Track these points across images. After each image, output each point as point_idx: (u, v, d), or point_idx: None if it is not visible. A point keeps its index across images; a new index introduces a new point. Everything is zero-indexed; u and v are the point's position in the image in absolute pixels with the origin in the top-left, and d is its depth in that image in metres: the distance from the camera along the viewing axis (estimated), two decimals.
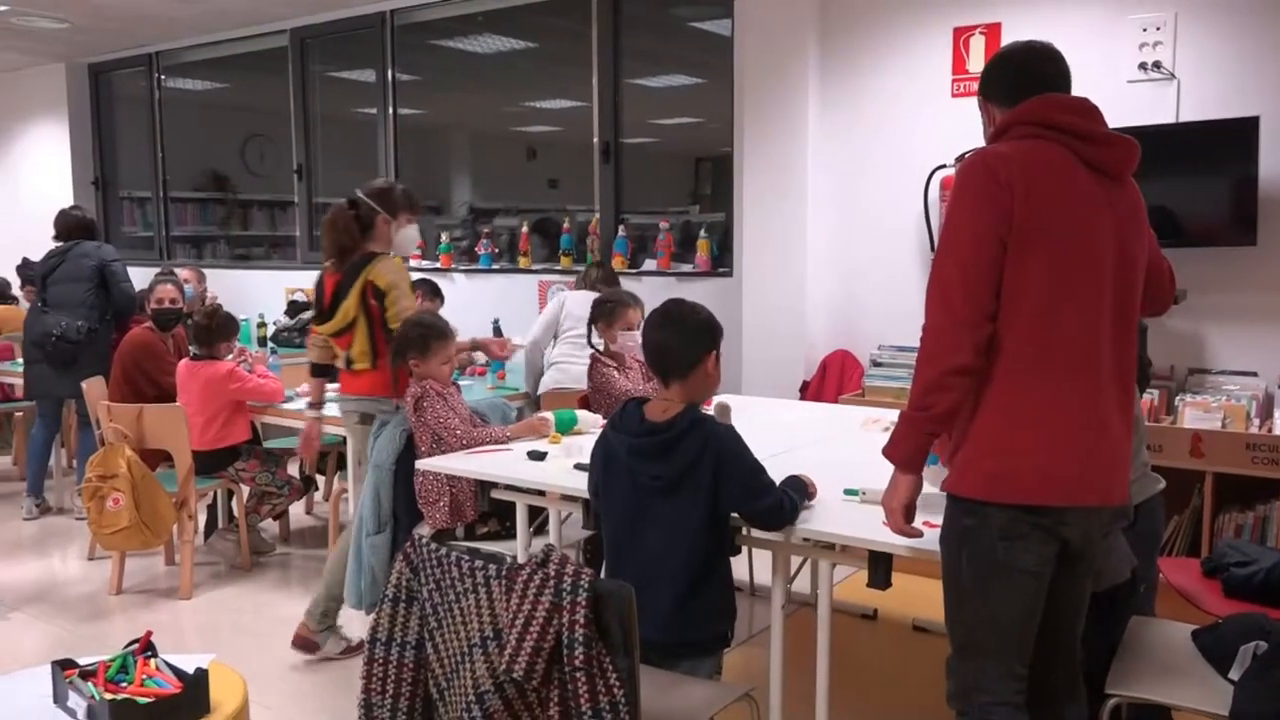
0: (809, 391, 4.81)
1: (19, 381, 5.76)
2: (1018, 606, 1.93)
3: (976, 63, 4.41)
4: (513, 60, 6.54)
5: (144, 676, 2.41)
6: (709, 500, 2.26)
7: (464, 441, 3.20)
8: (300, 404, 4.44)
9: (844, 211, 4.86)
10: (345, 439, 4.30)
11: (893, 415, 2.14)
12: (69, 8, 6.31)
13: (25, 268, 5.89)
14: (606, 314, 3.99)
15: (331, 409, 3.87)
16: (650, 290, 5.01)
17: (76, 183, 8.23)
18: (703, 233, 5.43)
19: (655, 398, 2.38)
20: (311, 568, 4.64)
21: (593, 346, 4.07)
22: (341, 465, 5.29)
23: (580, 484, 2.77)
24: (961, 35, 4.49)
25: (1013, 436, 1.89)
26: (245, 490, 4.56)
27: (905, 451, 1.96)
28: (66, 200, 8.19)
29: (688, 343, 2.34)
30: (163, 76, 7.88)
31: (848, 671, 2.87)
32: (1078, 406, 1.89)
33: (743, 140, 5.01)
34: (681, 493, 2.27)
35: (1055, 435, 1.88)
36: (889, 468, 2.00)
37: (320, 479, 5.62)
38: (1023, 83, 2.01)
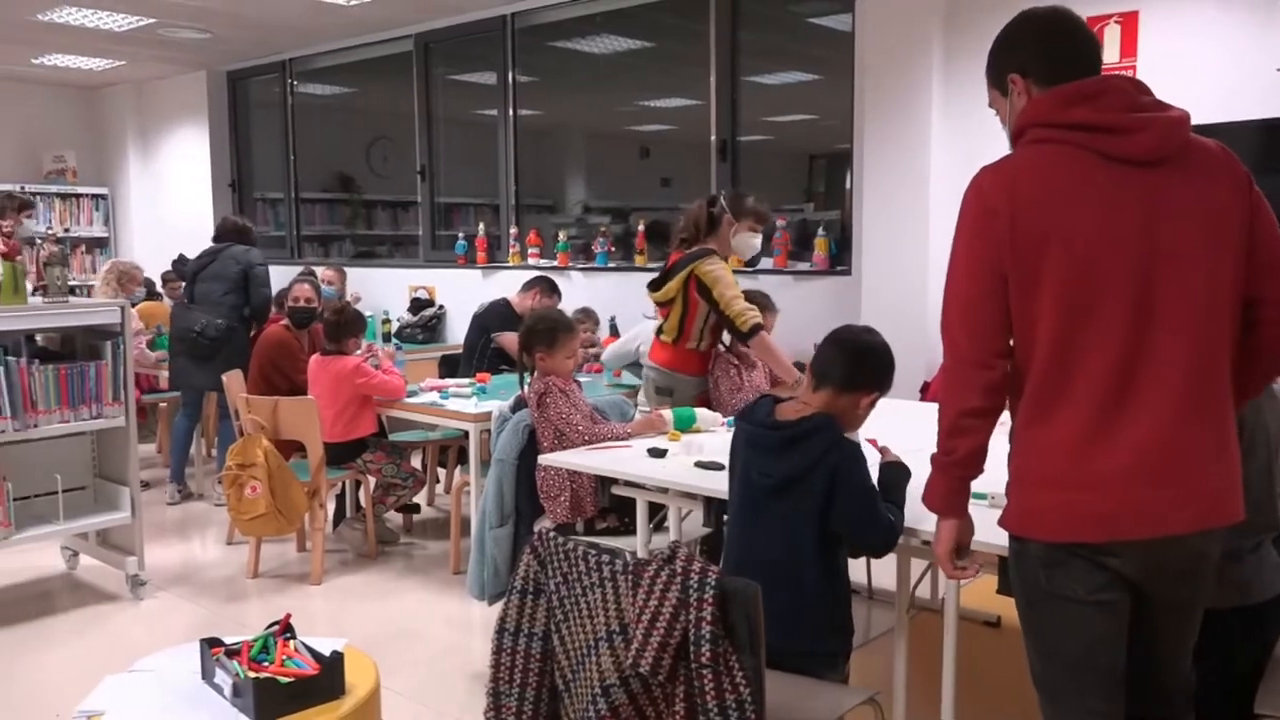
0: (929, 393, 4.71)
1: (163, 373, 6.09)
2: (1079, 638, 1.77)
3: (1111, 53, 4.24)
4: (628, 60, 6.59)
5: (284, 657, 2.53)
6: (819, 511, 2.21)
7: (585, 437, 3.25)
8: (425, 398, 4.57)
9: None
10: (467, 433, 4.42)
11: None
12: (211, 19, 6.63)
13: (180, 263, 6.23)
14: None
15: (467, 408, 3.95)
16: (769, 289, 4.98)
17: (215, 185, 8.64)
18: (820, 230, 5.37)
19: (796, 400, 2.36)
20: (433, 557, 4.77)
21: (722, 344, 4.06)
22: (462, 460, 5.43)
23: (700, 482, 2.79)
24: (1095, 25, 4.32)
25: (1040, 471, 1.77)
26: (372, 481, 4.71)
27: (937, 497, 1.89)
28: (206, 202, 8.63)
29: (860, 369, 2.30)
30: (294, 82, 8.20)
31: (971, 680, 2.80)
32: (1114, 434, 1.69)
33: (863, 137, 4.94)
34: (790, 496, 2.24)
35: (1084, 469, 1.71)
36: None
37: (442, 472, 5.79)
38: (1050, 66, 1.79)
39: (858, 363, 2.30)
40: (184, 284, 5.88)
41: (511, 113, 6.69)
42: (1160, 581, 1.77)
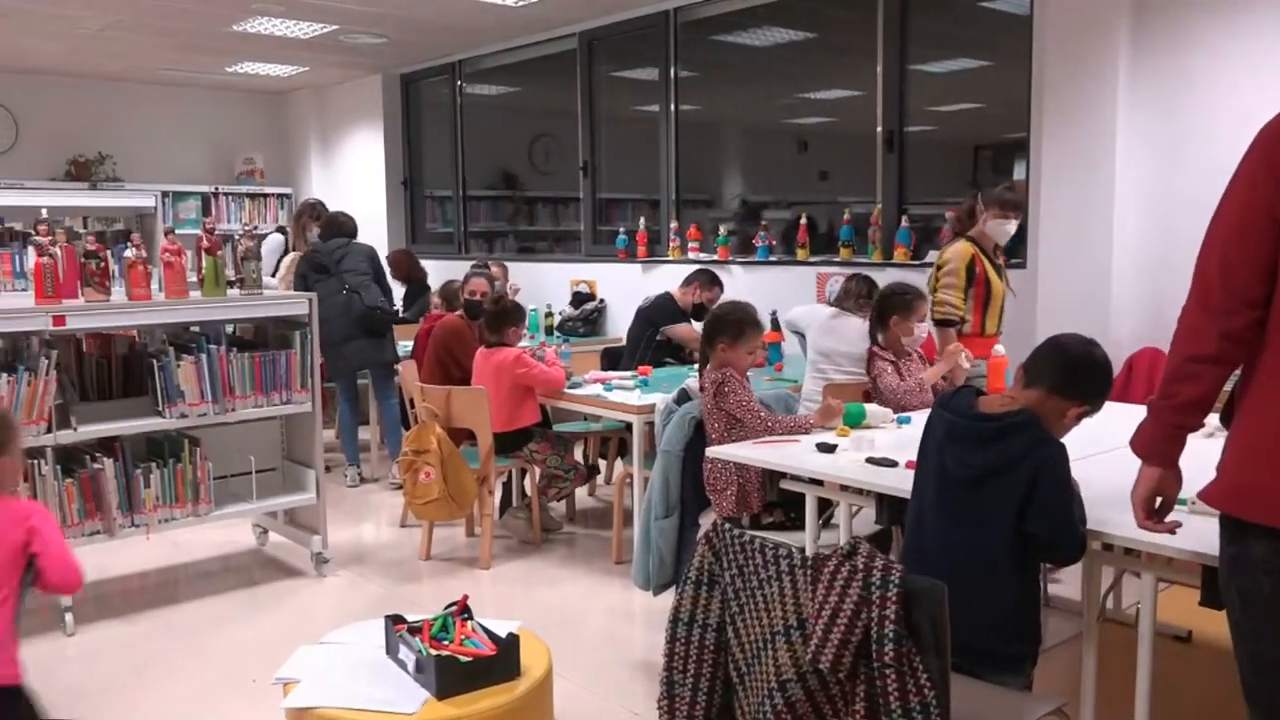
0: (1113, 392, 4.46)
1: None
2: None
3: None
4: (788, 52, 6.51)
5: (463, 637, 2.62)
6: (1017, 508, 2.14)
7: (766, 425, 3.23)
8: (589, 389, 4.64)
9: (1156, 201, 4.46)
10: (629, 425, 4.47)
11: (1213, 418, 1.97)
12: (388, 24, 6.93)
13: (313, 251, 6.39)
14: (904, 306, 3.89)
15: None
16: None
17: (389, 184, 9.03)
18: None
19: (1001, 394, 2.29)
20: (595, 547, 4.85)
21: (875, 341, 3.98)
22: (623, 451, 5.50)
23: (872, 478, 2.73)
24: None
25: (1269, 446, 1.64)
26: (537, 471, 4.82)
27: (1146, 442, 1.80)
28: (381, 200, 9.04)
29: (1076, 378, 2.23)
30: (463, 83, 8.48)
31: (1161, 695, 2.64)
32: None
33: (1040, 125, 4.73)
34: (987, 491, 2.17)
35: None
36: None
37: (602, 463, 5.88)
38: None
39: (1074, 371, 2.22)
40: (325, 274, 5.96)
41: (673, 108, 6.72)
42: None
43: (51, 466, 3.76)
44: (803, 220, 5.96)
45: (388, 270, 6.37)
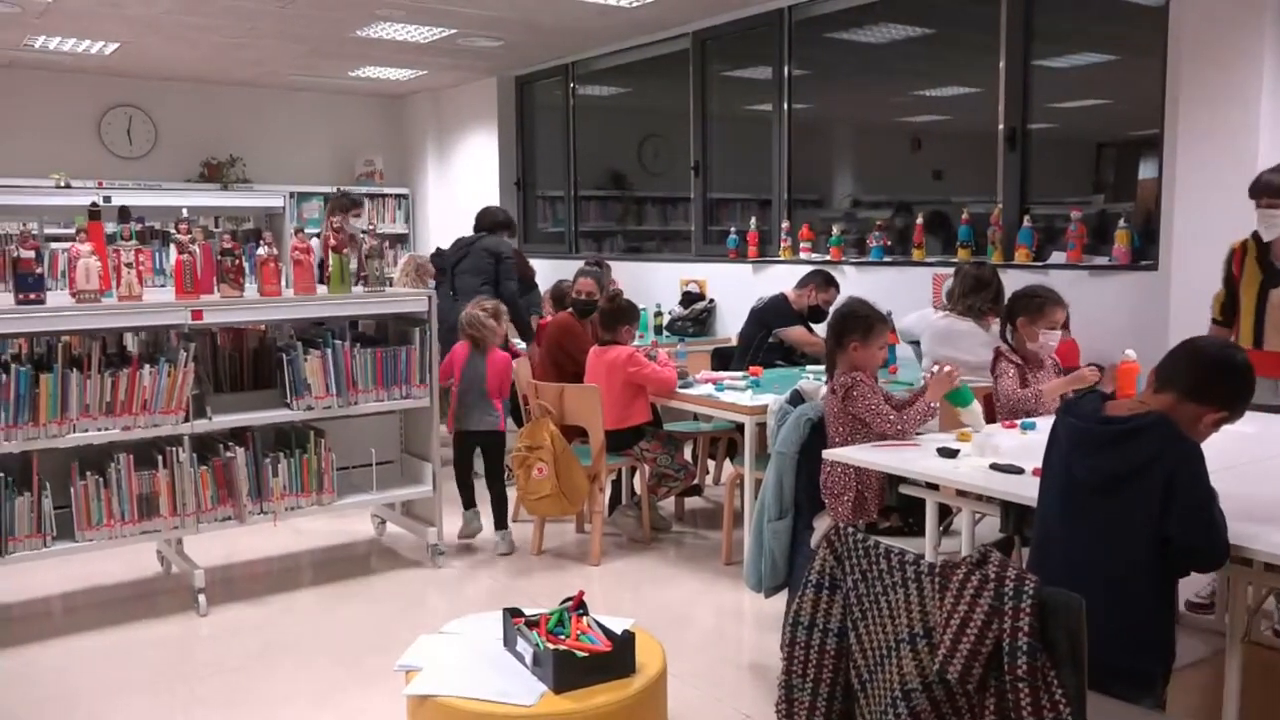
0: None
1: None
2: None
3: None
4: (904, 49, 6.38)
5: (578, 632, 2.64)
6: (1152, 515, 2.05)
7: (897, 427, 3.18)
8: (701, 389, 4.64)
9: None
10: (739, 426, 4.44)
11: None
12: (504, 27, 7.05)
13: (437, 256, 6.54)
14: (1033, 309, 3.75)
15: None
16: (1059, 285, 4.66)
17: (502, 184, 9.19)
18: (1122, 223, 4.97)
19: (1131, 399, 2.20)
20: (704, 547, 4.84)
21: (1006, 340, 3.86)
22: (732, 452, 5.48)
23: (997, 485, 2.65)
24: None
25: None
26: (647, 470, 4.84)
27: None
28: (494, 200, 9.20)
29: (1213, 381, 2.13)
30: (575, 85, 8.57)
31: None
32: None
33: (1175, 122, 4.51)
34: (1120, 496, 2.09)
35: None
36: None
37: (711, 464, 5.87)
38: None
39: (1211, 373, 2.11)
40: (443, 276, 6.16)
41: (786, 107, 6.66)
42: None
43: (188, 454, 3.94)
44: (918, 220, 5.83)
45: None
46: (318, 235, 5.45)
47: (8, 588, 4.26)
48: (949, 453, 2.95)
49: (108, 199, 6.07)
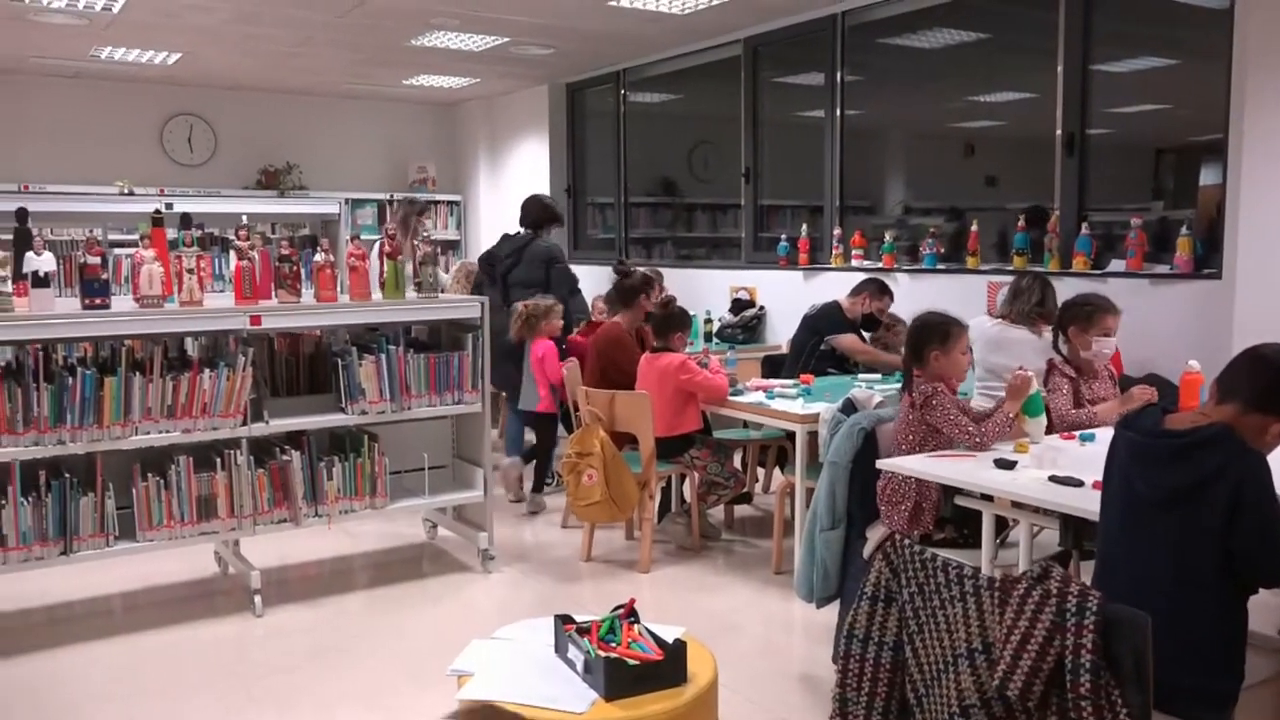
0: None
1: None
2: None
3: None
4: (958, 54, 6.31)
5: (629, 640, 2.64)
6: (1218, 530, 1.99)
7: (976, 439, 3.14)
8: (751, 397, 4.61)
9: None
10: (789, 434, 4.41)
11: None
12: (557, 35, 7.09)
13: (486, 262, 6.41)
14: (1083, 317, 3.69)
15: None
16: (1118, 294, 4.58)
17: (553, 191, 9.22)
18: (1184, 230, 4.86)
19: (1192, 411, 2.15)
20: (754, 555, 4.82)
21: (1058, 351, 3.80)
22: (781, 460, 5.45)
23: (1056, 497, 2.61)
24: None
25: None
26: (697, 477, 4.83)
27: None
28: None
29: (1278, 390, 2.07)
30: (626, 91, 8.59)
31: None
32: None
33: (1241, 126, 4.40)
34: (1184, 511, 2.03)
35: None
36: None
37: (760, 471, 5.84)
38: None
39: (1276, 382, 2.05)
40: (493, 284, 6.12)
41: (838, 113, 6.62)
42: None
43: (246, 457, 4.01)
44: (973, 227, 5.76)
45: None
46: (388, 236, 5.34)
47: (73, 585, 4.36)
48: (1007, 464, 2.90)
49: (169, 206, 6.22)
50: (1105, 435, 2.81)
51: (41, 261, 3.67)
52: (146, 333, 3.93)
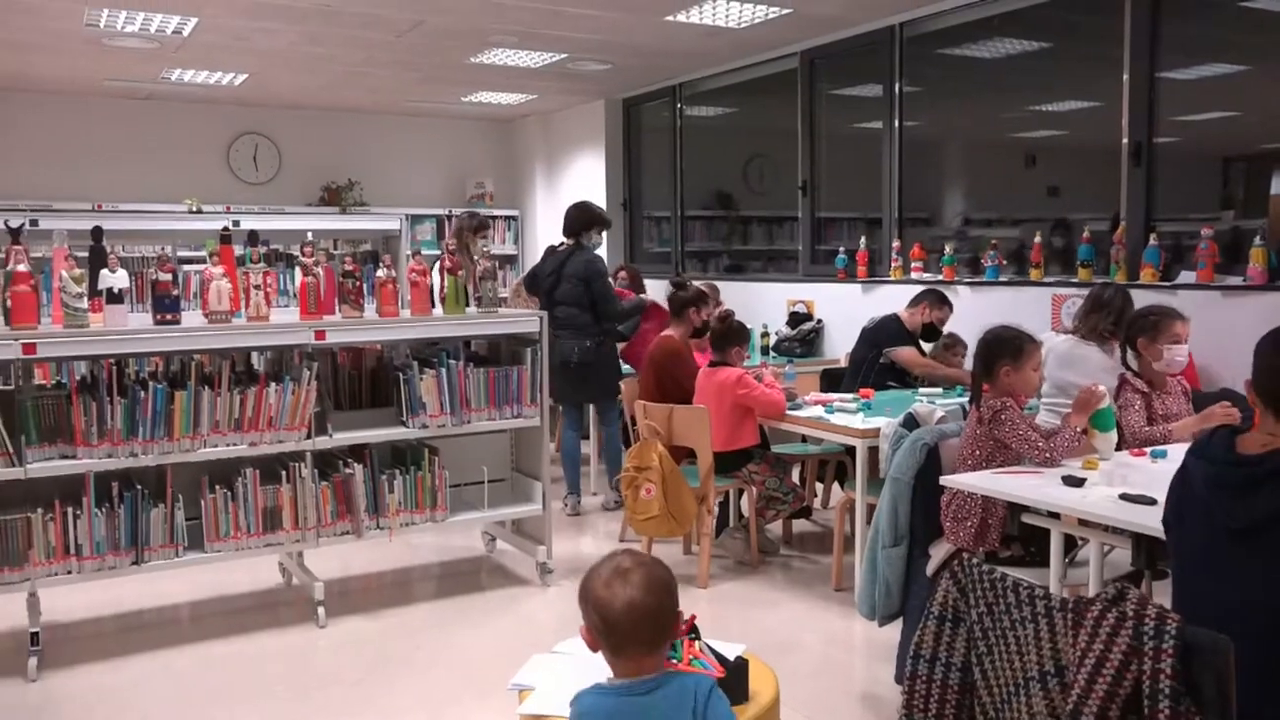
0: None
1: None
2: None
3: None
4: (1020, 63, 6.22)
5: (690, 656, 2.61)
6: None
7: (1046, 455, 3.08)
8: (811, 411, 4.58)
9: None
10: (849, 449, 4.37)
11: None
12: (614, 50, 7.14)
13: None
14: (1150, 328, 3.60)
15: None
16: (1189, 306, 4.47)
17: (609, 205, 9.25)
18: (1257, 240, 4.72)
19: (1257, 429, 2.07)
20: (813, 571, 4.77)
21: (1127, 366, 3.72)
22: (840, 475, 5.40)
23: (1128, 516, 2.54)
24: None
25: None
26: (755, 492, 4.80)
27: None
28: None
29: None
30: (682, 106, 8.61)
31: None
32: None
33: None
34: (1264, 541, 1.96)
35: None
36: None
37: (819, 487, 5.78)
38: None
39: None
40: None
41: (897, 124, 6.56)
42: None
43: (310, 470, 4.07)
44: (1037, 238, 5.66)
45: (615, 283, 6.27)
46: (449, 252, 5.35)
47: (143, 594, 4.46)
48: (1075, 481, 2.84)
49: (236, 223, 6.33)
50: (1178, 452, 2.73)
51: (115, 278, 3.77)
52: (215, 347, 4.02)
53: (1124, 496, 2.66)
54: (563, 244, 6.02)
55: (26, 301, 3.57)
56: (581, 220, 5.94)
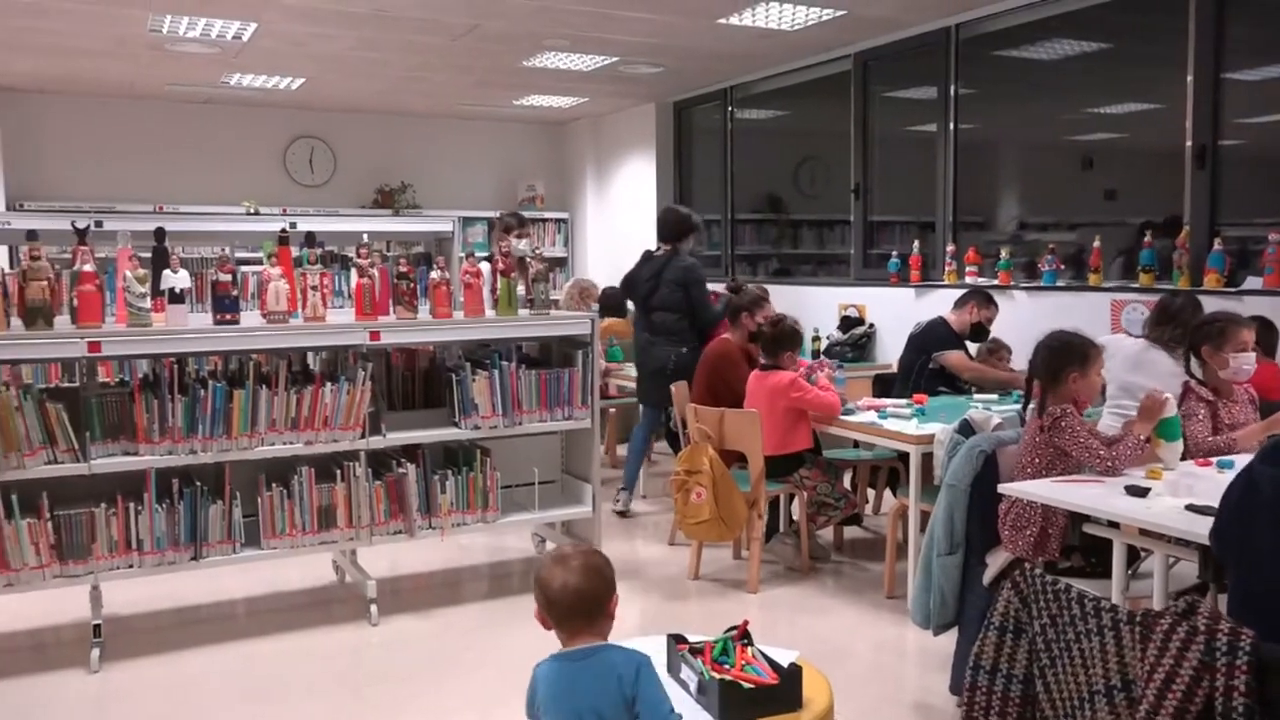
0: None
1: (612, 381, 6.61)
2: None
3: None
4: (1078, 64, 6.11)
5: (743, 662, 2.60)
6: None
7: (1108, 464, 3.02)
8: (863, 417, 4.53)
9: None
10: (901, 454, 4.31)
11: None
12: (666, 53, 7.13)
13: (629, 284, 6.21)
14: (1215, 334, 3.50)
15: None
16: (1255, 312, 4.35)
17: (659, 209, 9.27)
18: None
19: None
20: (864, 578, 4.72)
21: (1190, 374, 3.63)
22: (892, 481, 5.34)
23: (1194, 527, 2.48)
24: None
25: None
26: (807, 497, 4.76)
27: None
28: (651, 225, 9.27)
29: None
30: (733, 109, 8.58)
31: None
32: None
33: None
34: None
35: None
36: None
37: (870, 493, 5.72)
38: None
39: None
40: (634, 308, 6.14)
41: (952, 127, 6.48)
42: None
43: (364, 469, 4.12)
44: (1096, 242, 5.55)
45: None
46: (487, 258, 5.45)
47: (201, 589, 4.54)
48: (1139, 491, 2.78)
49: (293, 225, 6.42)
50: (1245, 462, 2.66)
51: (177, 279, 3.85)
52: (272, 347, 4.07)
53: (1190, 507, 2.59)
54: (660, 249, 6.00)
55: (92, 301, 3.65)
56: (681, 226, 5.96)
